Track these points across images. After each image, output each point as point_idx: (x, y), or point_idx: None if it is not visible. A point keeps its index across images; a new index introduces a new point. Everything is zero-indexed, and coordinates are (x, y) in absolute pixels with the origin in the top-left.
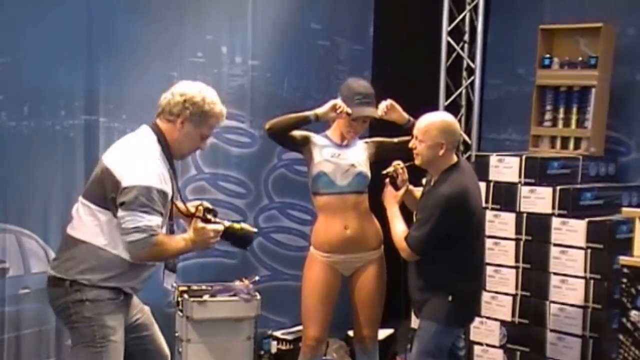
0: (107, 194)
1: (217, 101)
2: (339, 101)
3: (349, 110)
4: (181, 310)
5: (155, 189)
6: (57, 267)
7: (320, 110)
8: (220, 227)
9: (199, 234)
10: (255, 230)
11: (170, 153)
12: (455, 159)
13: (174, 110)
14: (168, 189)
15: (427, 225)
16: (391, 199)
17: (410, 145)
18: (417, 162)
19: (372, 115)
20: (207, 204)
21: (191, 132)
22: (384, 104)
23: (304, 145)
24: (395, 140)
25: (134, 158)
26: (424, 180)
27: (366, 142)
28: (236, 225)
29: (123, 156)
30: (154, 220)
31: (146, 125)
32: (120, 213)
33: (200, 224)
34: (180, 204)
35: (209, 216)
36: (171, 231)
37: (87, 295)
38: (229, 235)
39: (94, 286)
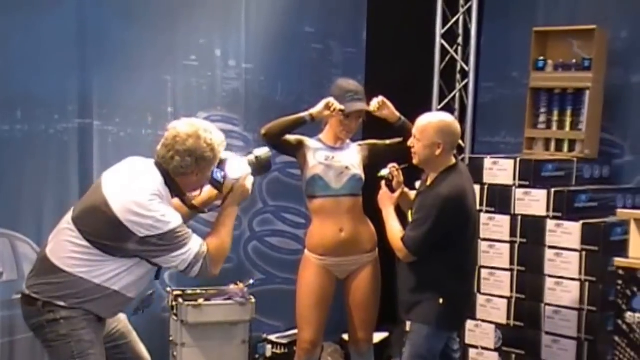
0: (109, 238)
1: (221, 139)
2: (331, 99)
3: (342, 107)
4: (176, 315)
5: (177, 227)
6: (32, 287)
7: (314, 110)
8: (246, 174)
9: (239, 197)
10: (267, 150)
11: (182, 191)
12: (453, 160)
13: (187, 171)
14: (179, 217)
15: (424, 225)
16: (387, 200)
17: (409, 143)
18: (414, 160)
19: (365, 109)
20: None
21: (202, 177)
22: (376, 100)
23: (298, 149)
24: (388, 142)
25: (145, 207)
26: (417, 184)
27: (359, 145)
28: (254, 159)
29: (131, 203)
30: (195, 244)
31: (153, 165)
32: (165, 264)
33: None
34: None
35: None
36: None
37: (60, 314)
38: (255, 170)
39: (68, 308)
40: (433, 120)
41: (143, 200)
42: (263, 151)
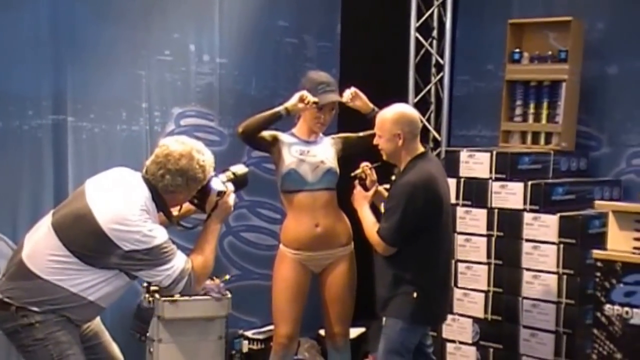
0: (91, 249)
1: (212, 161)
2: (304, 92)
3: (316, 99)
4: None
5: (163, 242)
6: (5, 292)
7: (289, 104)
8: (230, 191)
9: (223, 213)
10: (243, 166)
11: (168, 208)
12: (421, 149)
13: (175, 190)
14: (165, 233)
15: (395, 214)
16: (361, 199)
17: (374, 142)
18: (383, 157)
19: (338, 100)
20: None
21: (188, 195)
22: (349, 91)
23: (273, 145)
24: (361, 134)
25: (130, 220)
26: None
27: (332, 138)
28: (231, 175)
29: (116, 216)
30: (179, 260)
31: (140, 178)
32: (147, 278)
33: (222, 204)
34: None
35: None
36: None
37: (35, 318)
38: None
39: (41, 313)
40: (388, 113)
41: (130, 214)
42: (239, 168)
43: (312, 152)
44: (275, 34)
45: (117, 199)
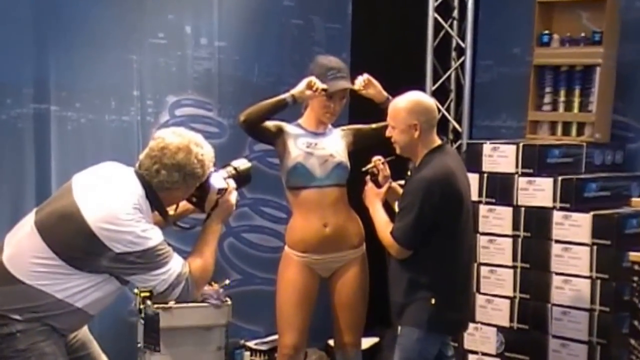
0: (79, 250)
1: (211, 155)
2: (313, 78)
3: (325, 86)
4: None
5: (157, 245)
6: None
7: (295, 91)
8: (232, 188)
9: (225, 213)
10: (246, 161)
11: (163, 206)
12: (437, 141)
13: (172, 187)
14: (160, 234)
15: (410, 213)
16: (373, 197)
17: (387, 134)
18: (397, 151)
19: (349, 87)
20: None
21: (187, 191)
22: (361, 78)
23: (277, 137)
24: (374, 125)
25: (122, 220)
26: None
27: (343, 130)
28: (232, 171)
29: (106, 215)
30: (176, 264)
31: (133, 174)
32: (141, 283)
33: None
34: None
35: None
36: None
37: (16, 327)
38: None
39: (23, 321)
40: (402, 102)
41: (122, 213)
42: (242, 162)
43: (320, 145)
44: (279, 15)
45: (108, 196)
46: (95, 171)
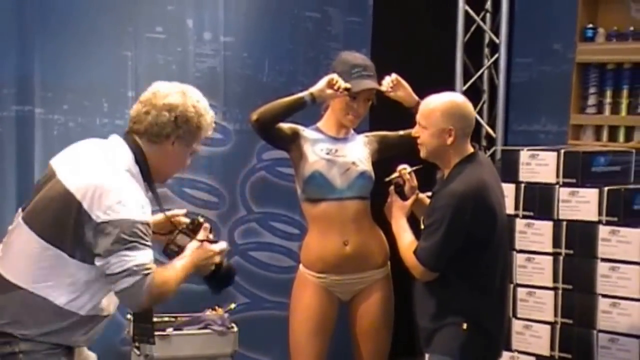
0: (69, 228)
1: (208, 106)
2: (335, 75)
3: (348, 85)
4: (138, 348)
5: (139, 222)
6: None
7: (315, 89)
8: (224, 246)
9: (202, 256)
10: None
11: (151, 176)
12: (470, 149)
13: (162, 132)
14: (150, 218)
15: (437, 231)
16: (398, 210)
17: (413, 132)
18: (421, 154)
19: (376, 88)
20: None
21: (182, 152)
22: (389, 78)
23: (293, 141)
24: (401, 132)
25: (108, 184)
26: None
27: (366, 137)
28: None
29: (92, 179)
30: (146, 256)
31: (118, 137)
32: (101, 261)
33: (203, 244)
34: (158, 217)
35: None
36: None
37: (20, 347)
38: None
39: (28, 340)
40: (438, 101)
41: (108, 176)
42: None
43: (341, 152)
44: (293, 7)
45: (93, 162)
46: (75, 147)
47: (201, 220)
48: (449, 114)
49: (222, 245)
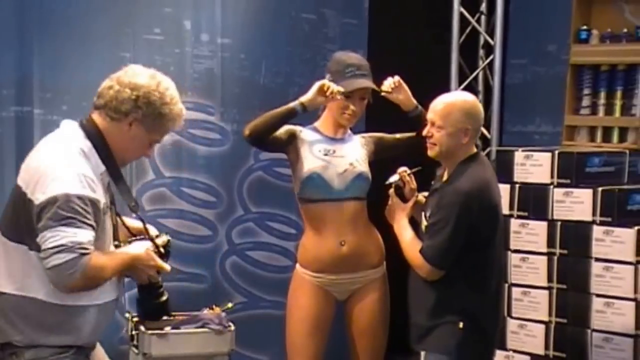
0: (22, 221)
1: (178, 99)
2: (325, 81)
3: (341, 89)
4: (136, 346)
5: (76, 196)
6: None
7: (305, 98)
8: (167, 268)
9: (143, 258)
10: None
11: (108, 152)
12: (474, 149)
13: (121, 108)
14: (98, 196)
15: (444, 230)
16: (399, 212)
17: (424, 132)
18: (431, 153)
19: (370, 87)
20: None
21: (139, 136)
22: (391, 80)
23: (289, 144)
24: (398, 135)
25: (45, 165)
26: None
27: (363, 137)
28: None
29: (32, 166)
30: (83, 235)
31: (68, 120)
32: (38, 238)
33: (149, 250)
34: (129, 222)
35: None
36: None
37: (24, 356)
38: (152, 287)
39: (31, 347)
40: (457, 100)
41: (45, 158)
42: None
43: (338, 152)
44: (289, 9)
45: (40, 151)
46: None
47: (168, 238)
48: (469, 113)
49: (166, 266)
